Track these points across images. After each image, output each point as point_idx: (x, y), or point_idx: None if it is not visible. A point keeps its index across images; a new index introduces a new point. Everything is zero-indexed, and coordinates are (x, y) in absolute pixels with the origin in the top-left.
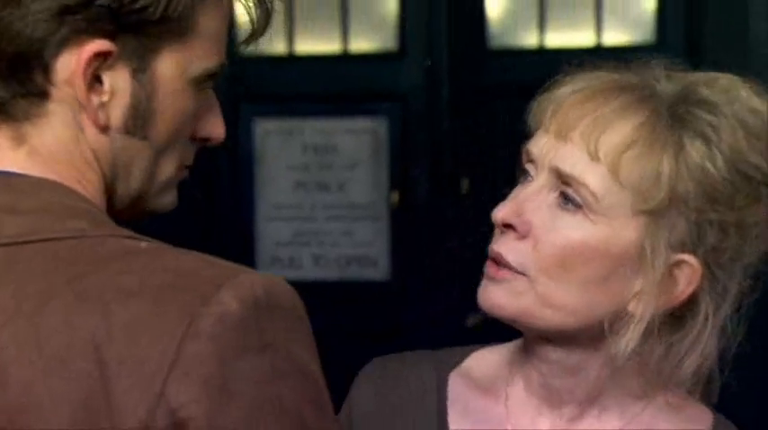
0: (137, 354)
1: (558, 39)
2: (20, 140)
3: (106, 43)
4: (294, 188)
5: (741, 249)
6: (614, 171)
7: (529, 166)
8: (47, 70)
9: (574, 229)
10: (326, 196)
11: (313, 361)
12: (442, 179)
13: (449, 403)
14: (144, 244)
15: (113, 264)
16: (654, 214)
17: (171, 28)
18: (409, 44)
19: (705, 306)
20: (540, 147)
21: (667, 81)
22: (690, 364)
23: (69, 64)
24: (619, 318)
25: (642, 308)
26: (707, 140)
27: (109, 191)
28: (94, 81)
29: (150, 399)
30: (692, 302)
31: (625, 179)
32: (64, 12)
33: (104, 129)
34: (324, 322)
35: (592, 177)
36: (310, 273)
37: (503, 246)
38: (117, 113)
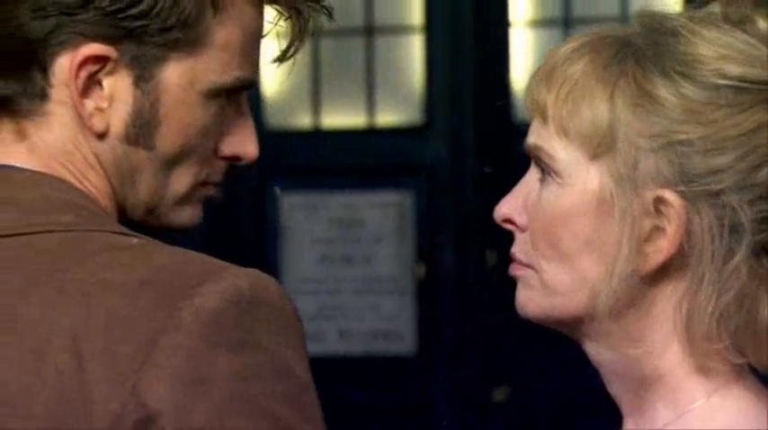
0: (113, 348)
1: None
2: (21, 136)
3: (104, 48)
4: (320, 262)
5: (725, 170)
6: (559, 126)
7: None
8: (45, 71)
9: (548, 200)
10: (352, 270)
11: (299, 362)
12: (468, 252)
13: None
14: (135, 240)
15: (97, 258)
16: (605, 156)
17: (178, 37)
18: (435, 117)
19: (706, 239)
20: (528, 134)
21: (640, 22)
22: (718, 308)
23: (65, 66)
24: None
25: (620, 251)
26: (656, 64)
27: (119, 197)
28: (93, 85)
29: (123, 393)
30: (694, 240)
31: (569, 130)
32: (61, 13)
33: (102, 134)
34: (349, 397)
35: (546, 140)
36: (336, 347)
37: (515, 245)
38: (117, 121)
